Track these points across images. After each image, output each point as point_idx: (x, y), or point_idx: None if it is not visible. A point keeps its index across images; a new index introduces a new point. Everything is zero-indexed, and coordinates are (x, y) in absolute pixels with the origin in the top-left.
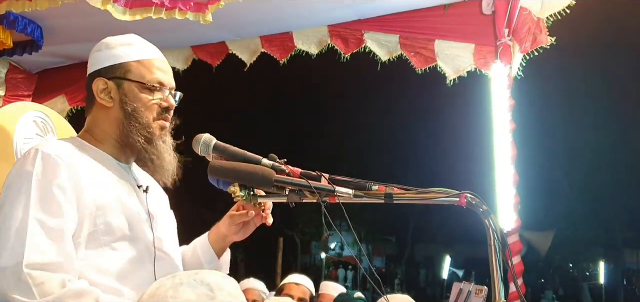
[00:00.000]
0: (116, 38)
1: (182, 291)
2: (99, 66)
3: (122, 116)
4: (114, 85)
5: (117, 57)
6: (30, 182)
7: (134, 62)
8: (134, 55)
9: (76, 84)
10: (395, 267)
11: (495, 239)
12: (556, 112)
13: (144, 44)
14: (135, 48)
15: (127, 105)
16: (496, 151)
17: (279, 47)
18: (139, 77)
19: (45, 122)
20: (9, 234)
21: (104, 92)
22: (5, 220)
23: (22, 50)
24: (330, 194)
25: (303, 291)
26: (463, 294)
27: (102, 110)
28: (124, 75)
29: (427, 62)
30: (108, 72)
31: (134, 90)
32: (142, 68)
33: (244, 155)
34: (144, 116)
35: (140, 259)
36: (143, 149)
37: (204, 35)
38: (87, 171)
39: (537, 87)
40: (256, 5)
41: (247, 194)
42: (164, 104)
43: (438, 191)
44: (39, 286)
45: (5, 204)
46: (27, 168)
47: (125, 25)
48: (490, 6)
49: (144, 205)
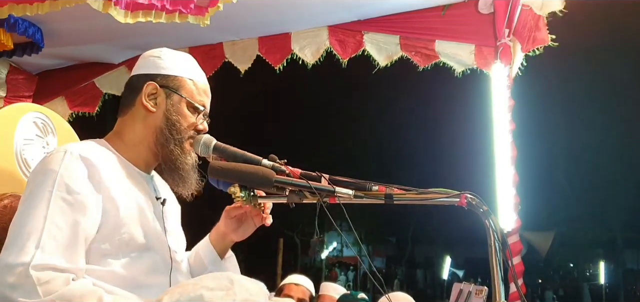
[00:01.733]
0: (174, 52)
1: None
2: (154, 71)
3: (162, 124)
4: (164, 94)
5: (174, 69)
6: (53, 182)
7: (188, 80)
8: (190, 74)
9: (76, 85)
10: (395, 268)
11: (496, 239)
12: (556, 113)
13: (198, 67)
14: (190, 67)
15: (171, 115)
16: (496, 152)
17: (275, 51)
18: (189, 95)
19: (45, 123)
20: (23, 232)
21: (151, 96)
22: (23, 216)
23: (22, 52)
24: (331, 195)
25: (303, 291)
26: (463, 295)
27: (140, 113)
28: (177, 88)
29: (430, 60)
30: (161, 79)
31: (181, 105)
32: (193, 88)
33: (244, 156)
34: (183, 131)
35: (157, 270)
36: (174, 159)
37: (201, 36)
38: (112, 177)
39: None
40: (255, 8)
41: (247, 195)
42: (200, 126)
43: (438, 191)
44: (44, 285)
45: (26, 200)
46: (53, 167)
47: (124, 28)
48: (487, 6)
49: (159, 217)
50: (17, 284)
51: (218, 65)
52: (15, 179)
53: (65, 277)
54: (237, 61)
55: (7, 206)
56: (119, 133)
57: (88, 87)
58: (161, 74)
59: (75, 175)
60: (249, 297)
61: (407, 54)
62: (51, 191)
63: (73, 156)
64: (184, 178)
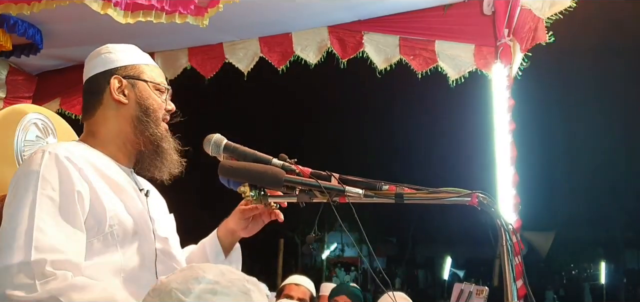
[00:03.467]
0: (118, 45)
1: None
2: (109, 66)
3: (137, 112)
4: (129, 84)
5: (128, 59)
6: (36, 182)
7: (144, 65)
8: (143, 60)
9: (76, 86)
10: (395, 268)
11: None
12: (557, 113)
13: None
14: (140, 55)
15: (143, 101)
16: (496, 152)
17: (277, 51)
18: (152, 78)
19: (45, 124)
20: (15, 234)
21: (119, 90)
22: (12, 220)
23: (21, 53)
24: (341, 194)
25: (303, 291)
26: (464, 295)
27: (111, 110)
28: (139, 75)
29: (428, 64)
30: (122, 71)
31: (148, 90)
32: (152, 71)
33: (255, 155)
34: (158, 113)
35: (143, 262)
36: (156, 142)
37: (201, 37)
38: (94, 173)
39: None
40: (255, 8)
41: (257, 194)
42: (169, 106)
43: (449, 190)
44: (43, 284)
45: (12, 204)
46: (34, 168)
47: (123, 28)
48: (490, 6)
49: (145, 208)
50: (15, 284)
51: (219, 65)
52: None
53: (63, 275)
54: (237, 62)
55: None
56: (92, 133)
57: None
58: (119, 66)
59: (57, 172)
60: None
61: (406, 57)
62: (35, 191)
63: (52, 154)
64: (167, 159)
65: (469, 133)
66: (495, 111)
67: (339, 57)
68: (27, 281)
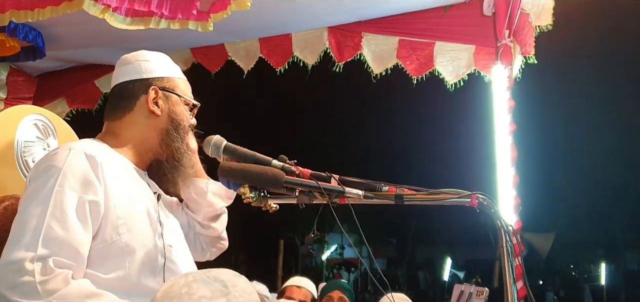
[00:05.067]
0: (153, 53)
1: (196, 287)
2: (148, 75)
3: (168, 125)
4: (163, 96)
5: (165, 71)
6: (56, 179)
7: (178, 79)
8: (177, 73)
9: (76, 87)
10: (396, 269)
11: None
12: (557, 114)
13: (176, 66)
14: (174, 67)
15: (175, 116)
16: (497, 153)
17: (277, 52)
18: (184, 94)
19: (46, 125)
20: (25, 229)
21: (154, 101)
22: (25, 214)
23: (25, 57)
24: (341, 196)
25: (304, 294)
26: (464, 296)
27: (142, 117)
28: (174, 89)
29: (423, 69)
30: (159, 82)
31: (180, 105)
32: (185, 87)
33: (254, 156)
34: (185, 130)
35: (151, 267)
36: (183, 155)
37: (202, 38)
38: (114, 175)
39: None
40: (257, 9)
41: (257, 195)
42: (193, 123)
43: (449, 191)
44: (43, 284)
45: (28, 198)
46: (56, 164)
47: (123, 31)
48: (491, 7)
49: (156, 212)
50: (17, 283)
51: (220, 65)
52: (16, 181)
53: (64, 275)
54: (239, 60)
55: (7, 208)
56: (114, 134)
57: (88, 89)
58: (157, 77)
59: (78, 172)
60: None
61: (402, 61)
62: (53, 187)
63: (77, 152)
64: (182, 175)
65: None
66: (496, 112)
67: (336, 60)
68: (29, 278)
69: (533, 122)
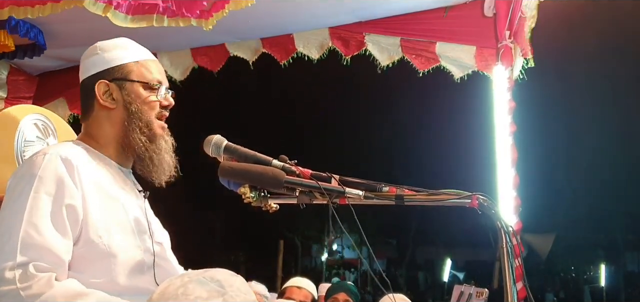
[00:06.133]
0: (109, 42)
1: (192, 288)
2: (98, 69)
3: (125, 116)
4: (116, 87)
5: (116, 60)
6: (31, 185)
7: (133, 63)
8: (132, 57)
9: (76, 87)
10: (396, 270)
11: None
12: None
13: (138, 47)
14: (131, 50)
15: (131, 105)
16: (497, 153)
17: (279, 49)
18: (140, 77)
19: (46, 125)
20: (2, 239)
21: (106, 94)
22: (4, 221)
23: (24, 54)
24: (341, 196)
25: (305, 294)
26: (464, 297)
27: (103, 113)
28: (126, 76)
29: (430, 63)
30: (108, 74)
31: (137, 90)
32: (141, 68)
33: (255, 156)
34: (147, 115)
35: (141, 266)
36: (144, 147)
37: (204, 38)
38: (93, 175)
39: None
40: (257, 10)
41: (257, 195)
42: (164, 102)
43: (449, 192)
44: (26, 289)
45: (6, 207)
46: (33, 171)
47: (125, 30)
48: (491, 8)
49: (143, 210)
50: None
51: (221, 64)
52: None
53: (47, 277)
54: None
55: None
56: (90, 134)
57: None
58: (106, 69)
59: (54, 176)
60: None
61: (408, 56)
62: (29, 193)
63: (52, 157)
64: (155, 163)
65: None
66: (496, 113)
67: (342, 54)
68: (9, 287)
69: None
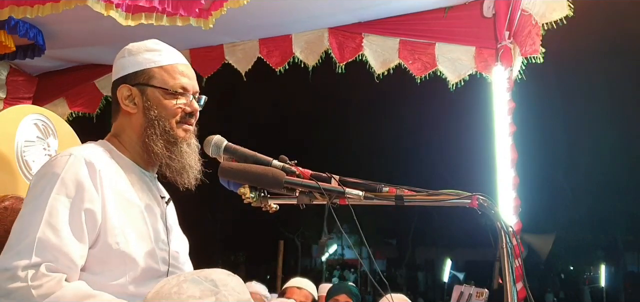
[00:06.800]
0: (139, 44)
1: (186, 287)
2: (123, 73)
3: (144, 122)
4: (138, 92)
5: (140, 64)
6: (54, 185)
7: (157, 68)
8: (157, 61)
9: (76, 87)
10: (395, 270)
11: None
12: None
13: (167, 49)
14: (158, 54)
15: (150, 111)
16: (497, 154)
17: (277, 53)
18: (162, 83)
19: (46, 125)
20: (22, 235)
21: (128, 99)
22: (23, 219)
23: (24, 54)
24: (341, 196)
25: (305, 295)
26: (464, 297)
27: (126, 117)
28: (148, 81)
29: (426, 69)
30: (132, 78)
31: (158, 96)
32: (165, 74)
33: (255, 156)
34: (167, 122)
35: (154, 274)
36: (162, 154)
37: (201, 38)
38: (115, 179)
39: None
40: (256, 10)
41: (257, 196)
42: (188, 108)
43: (449, 192)
44: (38, 288)
45: (27, 204)
46: (56, 170)
47: (123, 30)
48: (491, 9)
49: (163, 217)
50: (10, 290)
51: (217, 67)
52: (16, 181)
53: (58, 278)
54: (236, 63)
55: (7, 208)
56: (117, 135)
57: (88, 89)
58: (130, 73)
59: (76, 179)
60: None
61: (404, 61)
62: (50, 194)
63: (77, 159)
64: (177, 168)
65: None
66: (496, 114)
67: (337, 61)
68: (21, 284)
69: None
